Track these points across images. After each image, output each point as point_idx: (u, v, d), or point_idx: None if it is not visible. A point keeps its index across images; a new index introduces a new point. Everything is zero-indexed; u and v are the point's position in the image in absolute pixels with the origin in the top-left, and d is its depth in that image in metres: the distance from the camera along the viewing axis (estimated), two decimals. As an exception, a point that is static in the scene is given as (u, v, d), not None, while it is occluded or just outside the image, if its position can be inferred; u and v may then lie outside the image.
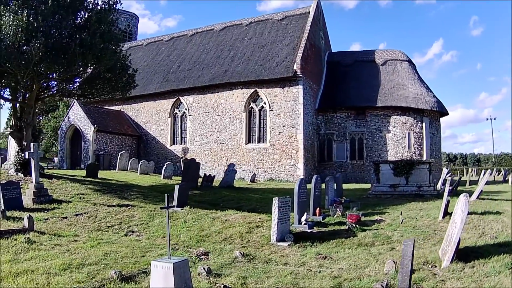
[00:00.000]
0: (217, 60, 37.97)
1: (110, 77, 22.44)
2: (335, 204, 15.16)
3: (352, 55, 40.39)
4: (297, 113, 32.49)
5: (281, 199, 11.05)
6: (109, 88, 23.31)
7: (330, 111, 36.43)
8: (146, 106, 40.23)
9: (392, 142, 34.50)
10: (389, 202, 17.64)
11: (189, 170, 22.97)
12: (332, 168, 35.40)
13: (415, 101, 34.31)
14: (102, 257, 8.99)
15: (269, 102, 33.65)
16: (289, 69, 32.77)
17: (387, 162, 21.15)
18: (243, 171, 33.55)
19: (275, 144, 33.17)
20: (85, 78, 22.84)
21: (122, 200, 16.66)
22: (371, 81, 36.82)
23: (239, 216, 13.70)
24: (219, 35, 41.75)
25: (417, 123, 34.53)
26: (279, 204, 10.86)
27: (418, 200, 17.82)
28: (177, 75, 39.07)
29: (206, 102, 36.44)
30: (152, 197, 18.13)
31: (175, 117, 38.62)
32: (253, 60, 35.70)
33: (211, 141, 35.90)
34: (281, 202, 10.93)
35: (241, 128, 34.52)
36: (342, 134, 35.91)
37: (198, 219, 13.46)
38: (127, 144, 39.49)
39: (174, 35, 46.75)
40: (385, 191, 19.84)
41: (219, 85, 35.60)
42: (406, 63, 38.23)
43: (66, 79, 22.01)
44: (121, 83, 23.12)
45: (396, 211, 14.73)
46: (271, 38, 37.35)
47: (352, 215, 12.45)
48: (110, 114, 40.20)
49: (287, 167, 32.51)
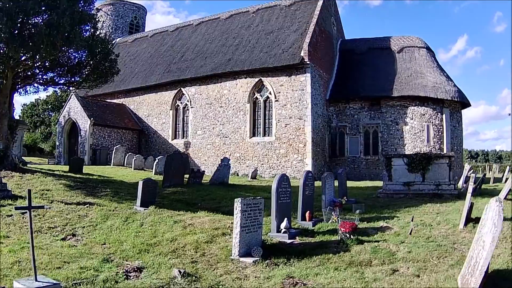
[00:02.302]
0: (221, 49, 35.63)
1: (92, 63, 20.68)
2: (330, 207, 12.60)
3: (366, 42, 37.52)
4: (305, 104, 29.87)
5: (247, 200, 8.61)
6: (92, 75, 21.40)
7: (342, 102, 33.71)
8: (147, 99, 38.24)
9: (410, 136, 31.69)
10: (402, 203, 15.01)
11: (173, 164, 20.30)
12: (344, 164, 32.64)
13: (434, 90, 31.47)
14: (8, 265, 7.73)
15: (274, 92, 31.10)
16: (295, 56, 30.19)
17: (400, 156, 18.24)
18: (247, 166, 31.20)
19: (281, 137, 30.61)
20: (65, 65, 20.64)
21: (87, 198, 14.58)
22: (387, 69, 33.99)
23: (208, 219, 11.26)
24: (225, 23, 39.41)
25: (437, 114, 31.70)
26: (243, 207, 8.41)
27: (436, 201, 15.24)
28: (179, 66, 36.88)
29: (209, 93, 34.12)
30: (125, 194, 15.98)
31: (177, 109, 36.45)
32: (258, 47, 33.22)
33: (213, 135, 33.58)
34: (246, 205, 8.49)
35: (245, 120, 32.08)
36: (355, 126, 33.14)
37: (157, 223, 11.16)
38: (127, 138, 37.65)
39: (179, 25, 44.72)
40: (398, 190, 17.14)
41: (221, 74, 33.27)
42: (424, 50, 35.39)
43: (45, 67, 20.07)
44: (103, 68, 21.30)
45: (407, 216, 12.12)
46: (279, 24, 34.79)
47: (345, 222, 9.86)
48: (110, 107, 38.41)
49: (294, 163, 29.95)
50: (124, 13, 51.95)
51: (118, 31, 50.52)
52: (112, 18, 50.79)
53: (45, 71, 20.66)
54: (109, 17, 50.47)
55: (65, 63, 20.45)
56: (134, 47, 45.83)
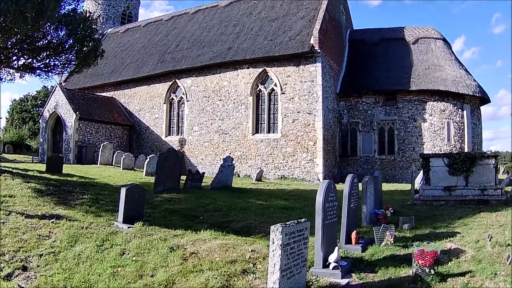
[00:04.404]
0: (220, 37, 32.50)
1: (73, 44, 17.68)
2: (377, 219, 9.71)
3: (378, 32, 34.56)
4: (315, 97, 26.75)
5: (289, 228, 5.52)
6: (74, 58, 18.44)
7: (354, 96, 30.62)
8: (139, 92, 35.15)
9: (429, 133, 28.70)
10: (448, 212, 12.62)
11: (167, 164, 16.92)
12: (356, 164, 29.76)
13: (455, 84, 28.54)
14: None
15: (280, 84, 27.94)
16: (304, 44, 27.09)
17: (440, 156, 15.55)
18: (249, 166, 28.19)
19: (288, 134, 27.45)
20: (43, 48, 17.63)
21: (57, 207, 11.39)
22: (402, 61, 31.10)
23: (218, 245, 8.07)
24: (224, 11, 36.33)
25: (457, 111, 28.76)
26: (285, 238, 5.34)
27: (485, 208, 12.87)
28: (174, 55, 33.76)
29: (207, 85, 30.95)
30: (107, 202, 12.73)
31: (171, 103, 33.30)
32: (262, 35, 30.10)
33: (211, 131, 30.41)
34: (288, 235, 5.44)
35: (247, 115, 28.94)
36: (368, 123, 30.07)
37: (145, 250, 8.02)
38: (116, 134, 34.54)
39: (174, 14, 41.67)
40: (437, 196, 14.59)
41: (221, 64, 30.09)
42: (441, 42, 32.55)
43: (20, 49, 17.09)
44: (86, 50, 18.33)
45: (469, 230, 9.84)
46: (283, 11, 31.67)
47: (423, 251, 6.94)
48: (98, 101, 35.32)
49: (303, 163, 26.83)
50: (115, 3, 49.15)
51: (109, 21, 47.65)
52: (103, 7, 47.89)
53: (20, 54, 17.68)
54: (100, 6, 47.54)
55: (44, 46, 17.55)
56: (126, 37, 42.85)
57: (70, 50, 17.84)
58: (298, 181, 25.80)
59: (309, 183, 24.91)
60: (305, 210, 13.10)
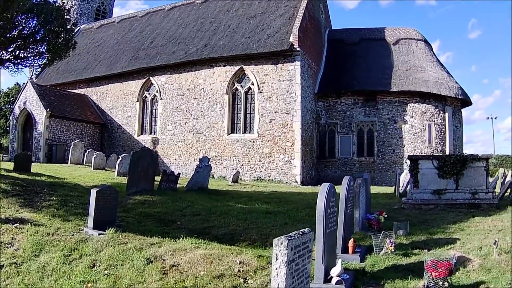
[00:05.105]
0: (196, 34, 31.51)
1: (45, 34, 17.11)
2: (370, 225, 9.05)
3: (358, 32, 33.91)
4: (293, 96, 25.92)
5: (295, 241, 4.67)
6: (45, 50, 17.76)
7: (332, 96, 29.82)
8: (112, 89, 33.99)
9: (409, 135, 28.07)
10: (440, 217, 12.08)
11: (141, 164, 15.81)
12: (334, 166, 28.99)
13: (437, 86, 28.01)
14: None
15: (258, 83, 27.06)
16: (283, 42, 26.27)
17: (429, 158, 15.02)
18: (224, 167, 27.25)
19: (265, 134, 26.57)
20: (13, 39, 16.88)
21: (22, 210, 10.31)
22: (382, 62, 30.54)
23: (201, 255, 7.13)
24: (200, 8, 35.35)
25: (439, 113, 28.22)
26: (291, 254, 4.55)
27: (478, 213, 12.50)
28: (148, 52, 32.65)
29: (181, 83, 29.93)
30: (76, 205, 11.63)
31: (145, 101, 32.20)
32: (239, 32, 29.20)
33: (185, 130, 29.37)
34: (294, 249, 4.64)
35: (223, 114, 27.98)
36: (347, 124, 29.29)
37: (118, 261, 7.10)
38: (88, 133, 33.37)
39: (149, 11, 40.56)
40: (426, 200, 14.06)
41: (197, 61, 29.10)
42: (422, 43, 32.14)
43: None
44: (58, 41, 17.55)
45: (468, 236, 9.42)
46: (262, 8, 30.84)
47: (437, 262, 6.29)
48: (70, 98, 34.10)
49: (280, 164, 25.97)
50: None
51: (83, 17, 46.24)
52: (78, 2, 46.44)
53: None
54: (74, 1, 46.04)
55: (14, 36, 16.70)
56: (100, 33, 41.60)
57: (42, 41, 17.17)
58: (275, 183, 25.02)
59: (287, 185, 24.14)
60: (290, 214, 12.39)
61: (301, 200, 16.43)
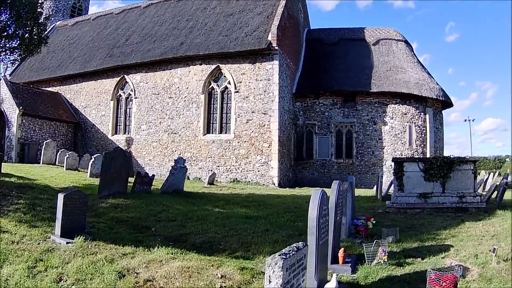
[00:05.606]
0: (172, 32, 30.80)
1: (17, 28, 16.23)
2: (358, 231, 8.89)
3: (337, 32, 33.44)
4: (271, 96, 25.34)
5: (290, 259, 4.15)
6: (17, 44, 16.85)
7: (310, 97, 29.26)
8: (86, 87, 33.05)
9: (389, 137, 27.65)
10: (428, 222, 11.94)
11: (113, 165, 14.96)
12: (312, 168, 28.45)
13: (418, 87, 27.64)
14: None
15: (234, 82, 26.43)
16: (262, 40, 25.68)
17: (415, 161, 14.79)
18: (199, 169, 26.54)
19: (242, 135, 25.95)
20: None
21: None
22: (362, 62, 30.12)
23: (178, 268, 6.51)
24: (177, 5, 34.61)
25: (420, 114, 27.87)
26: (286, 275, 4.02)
27: (467, 217, 12.31)
28: (123, 50, 31.81)
29: (156, 82, 29.16)
30: (45, 209, 10.78)
31: (119, 100, 31.34)
32: (216, 30, 28.53)
33: (160, 130, 28.61)
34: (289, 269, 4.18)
35: (198, 114, 27.28)
36: (325, 125, 28.76)
37: (87, 275, 6.44)
38: (61, 132, 32.39)
39: (126, 8, 39.68)
40: (412, 204, 13.80)
41: (172, 60, 28.36)
42: (403, 44, 31.82)
43: None
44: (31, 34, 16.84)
45: (461, 242, 9.19)
46: (240, 7, 30.22)
47: (441, 276, 6.08)
48: (44, 96, 33.11)
49: (257, 166, 25.35)
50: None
51: (59, 13, 45.16)
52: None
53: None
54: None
55: None
56: (75, 30, 40.60)
57: (14, 36, 16.32)
58: (252, 185, 24.44)
59: (264, 187, 23.56)
60: (271, 219, 11.82)
61: (280, 203, 15.94)
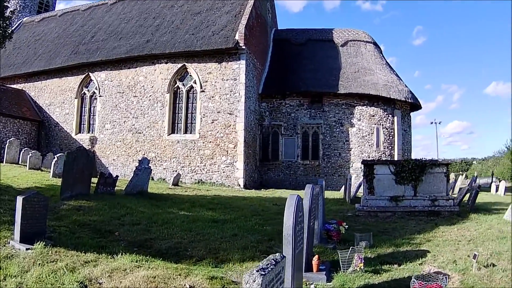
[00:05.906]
0: (139, 29, 30.24)
1: None
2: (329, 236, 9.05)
3: (305, 33, 33.31)
4: (237, 96, 25.03)
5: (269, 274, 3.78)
6: None
7: (277, 98, 29.08)
8: (50, 85, 32.23)
9: (356, 139, 27.61)
10: (401, 226, 11.81)
11: (76, 165, 14.33)
12: (278, 170, 28.28)
13: (386, 89, 27.66)
14: None
15: (200, 81, 26.03)
16: (229, 39, 25.34)
17: (386, 163, 14.56)
18: (164, 169, 26.08)
19: (207, 135, 25.57)
20: None
21: None
22: (329, 63, 30.08)
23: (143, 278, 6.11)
24: (145, 3, 34.05)
25: (388, 116, 27.87)
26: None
27: (440, 221, 12.31)
28: (88, 47, 31.08)
29: (121, 80, 28.59)
30: (5, 211, 10.03)
31: (83, 98, 30.60)
32: (183, 29, 28.10)
33: (124, 130, 28.03)
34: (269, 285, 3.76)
35: (163, 113, 26.82)
36: (292, 126, 28.59)
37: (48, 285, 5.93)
38: (25, 130, 31.53)
39: (93, 4, 38.81)
40: (382, 207, 13.66)
41: (138, 58, 27.82)
42: (371, 45, 31.82)
43: None
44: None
45: (437, 248, 9.03)
46: (207, 5, 29.86)
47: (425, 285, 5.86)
48: (8, 93, 32.16)
49: (222, 167, 25.00)
50: (33, -10, 45.75)
51: (26, 9, 44.14)
52: (20, -6, 44.40)
53: None
54: (16, -7, 44.07)
55: None
56: (41, 27, 39.69)
57: None
58: (217, 186, 24.09)
59: (229, 189, 23.24)
60: (238, 223, 11.43)
61: (247, 206, 15.64)
